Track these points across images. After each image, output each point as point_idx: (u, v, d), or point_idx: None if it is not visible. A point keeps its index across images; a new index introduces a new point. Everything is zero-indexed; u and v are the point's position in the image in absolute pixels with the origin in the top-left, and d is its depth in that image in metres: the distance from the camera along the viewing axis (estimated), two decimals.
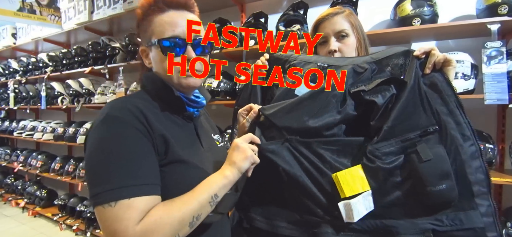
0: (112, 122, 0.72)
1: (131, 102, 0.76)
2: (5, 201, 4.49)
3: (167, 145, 0.77)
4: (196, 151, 0.86)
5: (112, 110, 0.74)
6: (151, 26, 0.83)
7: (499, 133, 1.93)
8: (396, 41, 2.13)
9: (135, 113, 0.74)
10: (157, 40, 0.81)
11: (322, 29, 1.07)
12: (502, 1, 1.67)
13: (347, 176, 0.84)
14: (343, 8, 1.10)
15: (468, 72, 1.73)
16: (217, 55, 2.49)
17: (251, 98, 1.07)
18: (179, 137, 0.82)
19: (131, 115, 0.73)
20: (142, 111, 0.75)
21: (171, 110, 0.85)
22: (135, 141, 0.72)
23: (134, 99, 0.79)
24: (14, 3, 3.05)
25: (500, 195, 1.92)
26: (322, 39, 1.07)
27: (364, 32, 1.08)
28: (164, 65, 0.82)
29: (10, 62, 4.80)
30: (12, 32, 4.57)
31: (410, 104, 0.85)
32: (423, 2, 1.85)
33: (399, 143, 0.84)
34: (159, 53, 0.82)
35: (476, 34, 1.90)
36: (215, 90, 2.49)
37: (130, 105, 0.75)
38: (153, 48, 0.84)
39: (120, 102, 0.77)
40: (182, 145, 0.80)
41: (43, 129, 4.12)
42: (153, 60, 0.86)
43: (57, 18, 3.45)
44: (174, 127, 0.83)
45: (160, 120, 0.79)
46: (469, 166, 0.81)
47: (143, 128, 0.73)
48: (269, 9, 2.55)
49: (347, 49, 1.04)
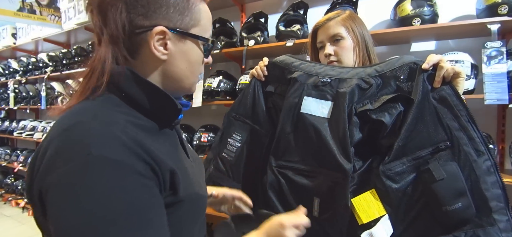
0: (102, 167, 0.47)
1: (117, 126, 0.52)
2: (5, 201, 4.48)
3: (177, 181, 0.57)
4: (185, 165, 0.66)
5: (100, 149, 0.47)
6: (195, 12, 0.62)
7: (499, 133, 1.93)
8: (396, 41, 2.14)
9: (132, 146, 0.50)
10: (210, 39, 0.65)
11: (319, 36, 1.11)
12: (502, 1, 1.67)
13: (362, 202, 0.85)
14: (341, 11, 1.10)
15: (468, 72, 1.73)
16: (217, 55, 2.49)
17: (256, 108, 1.07)
18: (176, 156, 0.63)
19: (128, 152, 0.49)
20: (139, 141, 0.52)
21: (160, 123, 0.62)
22: (142, 194, 0.50)
23: (117, 119, 0.53)
24: (14, 3, 3.05)
25: None
26: (320, 45, 1.11)
27: (365, 35, 1.08)
28: (197, 67, 0.65)
29: (10, 62, 4.79)
30: (12, 32, 4.57)
31: (420, 121, 0.84)
32: (423, 2, 1.85)
33: (411, 161, 0.84)
34: (198, 53, 0.64)
35: (476, 34, 1.90)
36: (215, 90, 2.49)
37: (120, 132, 0.51)
38: (189, 41, 0.62)
39: (101, 129, 0.50)
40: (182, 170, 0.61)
41: (43, 129, 4.12)
42: (178, 55, 0.62)
43: (57, 18, 3.44)
44: (167, 145, 0.62)
45: (159, 144, 0.57)
46: (484, 181, 0.80)
47: (146, 169, 0.51)
48: (269, 9, 2.55)
49: (342, 52, 1.05)
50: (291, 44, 2.15)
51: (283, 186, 0.96)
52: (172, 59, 0.61)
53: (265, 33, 2.41)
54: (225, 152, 1.09)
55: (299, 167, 0.95)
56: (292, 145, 0.97)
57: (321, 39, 1.10)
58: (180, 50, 0.62)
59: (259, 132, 1.07)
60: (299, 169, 0.95)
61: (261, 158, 1.06)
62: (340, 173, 0.87)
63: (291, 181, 0.95)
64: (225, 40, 2.50)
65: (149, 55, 0.60)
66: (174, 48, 0.61)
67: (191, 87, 0.67)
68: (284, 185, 0.96)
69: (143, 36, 0.58)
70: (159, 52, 0.59)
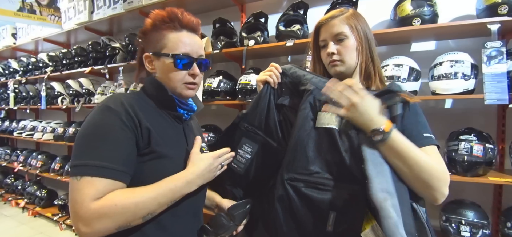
0: (103, 110, 0.82)
1: (126, 97, 0.87)
2: (5, 201, 4.48)
3: (150, 136, 0.85)
4: (181, 149, 0.94)
5: (108, 102, 0.84)
6: (163, 39, 0.93)
7: (499, 133, 1.93)
8: (396, 41, 2.14)
9: (126, 107, 0.83)
10: (171, 54, 0.92)
11: (322, 34, 1.08)
12: (502, 1, 1.67)
13: None
14: (345, 9, 1.08)
15: (468, 72, 1.73)
16: (217, 55, 2.49)
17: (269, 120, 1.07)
18: (166, 132, 0.91)
19: (121, 108, 0.82)
20: (133, 106, 0.85)
21: (164, 110, 0.94)
22: (117, 129, 0.80)
23: (131, 96, 0.90)
24: (14, 3, 3.05)
25: (500, 195, 1.91)
26: (322, 43, 1.08)
27: (368, 34, 1.06)
28: (171, 75, 0.93)
29: (10, 62, 4.79)
30: (12, 32, 4.57)
31: None
32: (423, 2, 1.85)
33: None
34: (170, 65, 0.92)
35: (476, 34, 1.90)
36: (215, 90, 2.49)
37: (125, 99, 0.85)
38: (163, 59, 0.93)
39: (117, 96, 0.87)
40: (167, 141, 0.89)
41: (43, 129, 4.12)
42: (159, 68, 0.94)
43: (57, 18, 3.44)
44: (162, 123, 0.92)
45: (150, 115, 0.88)
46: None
47: (130, 121, 0.82)
48: (269, 9, 2.55)
49: (346, 51, 1.02)
50: (291, 44, 2.15)
51: (293, 200, 0.93)
52: (158, 71, 0.95)
53: (265, 33, 2.41)
54: (234, 162, 1.07)
55: (313, 179, 0.93)
56: (306, 157, 0.95)
57: (324, 38, 1.07)
58: (159, 65, 0.95)
59: (271, 145, 1.06)
60: (313, 182, 0.92)
61: (271, 171, 1.04)
62: (357, 185, 0.87)
63: (303, 195, 0.92)
64: (225, 40, 2.50)
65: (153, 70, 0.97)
66: (156, 64, 0.95)
67: (175, 90, 0.94)
68: (295, 199, 0.93)
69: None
70: (149, 67, 0.97)
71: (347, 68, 1.04)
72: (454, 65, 1.76)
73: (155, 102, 0.93)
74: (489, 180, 1.66)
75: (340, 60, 1.03)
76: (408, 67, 1.86)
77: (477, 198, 1.86)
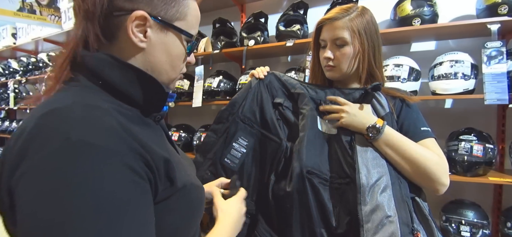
0: (83, 154, 0.40)
1: (100, 110, 0.46)
2: None
3: (172, 170, 0.52)
4: (176, 156, 0.64)
5: (78, 132, 0.41)
6: (182, 5, 0.59)
7: (499, 133, 1.93)
8: (396, 41, 2.14)
9: (123, 135, 0.45)
10: (188, 33, 0.61)
11: (323, 33, 1.05)
12: (502, 1, 1.67)
13: None
14: (353, 7, 1.03)
15: (468, 72, 1.73)
16: (217, 55, 2.49)
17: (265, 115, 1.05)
18: (165, 147, 0.59)
19: (114, 138, 0.44)
20: (129, 128, 0.47)
21: (145, 111, 0.58)
22: (131, 195, 0.43)
23: (99, 103, 0.48)
24: (14, 3, 3.05)
25: (500, 195, 1.92)
26: (322, 43, 1.05)
27: (373, 37, 1.02)
28: (176, 61, 0.61)
29: (10, 62, 4.79)
30: (12, 32, 4.57)
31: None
32: (423, 2, 1.85)
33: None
34: (179, 46, 0.61)
35: (476, 34, 1.90)
36: (215, 90, 2.49)
37: (104, 116, 0.45)
38: (172, 33, 0.59)
39: (81, 113, 0.44)
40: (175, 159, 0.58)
41: None
42: (158, 45, 0.58)
43: (57, 18, 3.44)
44: (154, 136, 0.58)
45: (146, 133, 0.52)
46: None
47: (137, 160, 0.45)
48: (269, 9, 2.55)
49: (343, 59, 1.00)
50: (291, 44, 2.15)
51: (308, 194, 0.91)
52: (151, 49, 0.57)
53: (265, 33, 2.41)
54: (228, 157, 1.02)
55: (323, 176, 0.93)
56: (316, 155, 0.95)
57: (324, 38, 1.03)
58: (160, 40, 0.58)
59: (268, 140, 1.02)
60: (323, 178, 0.93)
61: (267, 167, 1.02)
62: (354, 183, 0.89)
63: (317, 189, 0.92)
64: (225, 40, 2.50)
65: (127, 41, 0.55)
66: (154, 37, 0.57)
67: (170, 83, 0.64)
68: (309, 193, 0.91)
69: (122, 19, 0.54)
70: (137, 38, 0.55)
71: (342, 75, 1.03)
72: (454, 65, 1.76)
73: (126, 101, 0.55)
74: (489, 180, 1.67)
75: (335, 66, 1.02)
76: (408, 67, 1.86)
77: (477, 198, 1.86)
